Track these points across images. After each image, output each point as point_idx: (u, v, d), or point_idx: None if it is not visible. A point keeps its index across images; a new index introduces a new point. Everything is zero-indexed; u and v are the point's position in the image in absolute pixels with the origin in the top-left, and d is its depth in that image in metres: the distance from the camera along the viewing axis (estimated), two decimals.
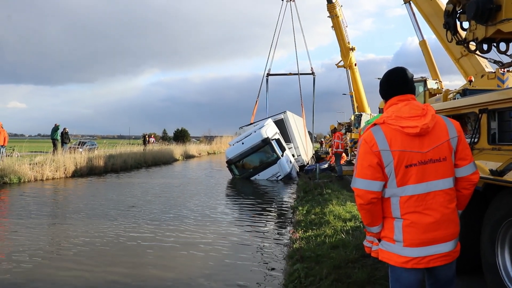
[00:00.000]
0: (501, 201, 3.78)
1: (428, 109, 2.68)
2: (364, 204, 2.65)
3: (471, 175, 2.73)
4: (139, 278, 6.24)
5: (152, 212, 11.34)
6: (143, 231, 9.00)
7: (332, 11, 29.25)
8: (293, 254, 6.59)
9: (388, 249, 2.69)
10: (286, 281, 5.67)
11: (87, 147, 29.89)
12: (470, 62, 14.07)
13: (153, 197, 14.33)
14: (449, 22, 6.44)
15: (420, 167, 2.59)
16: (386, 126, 2.66)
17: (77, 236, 8.55)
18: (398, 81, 2.81)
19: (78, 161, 21.90)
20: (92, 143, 37.63)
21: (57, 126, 26.63)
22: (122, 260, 7.07)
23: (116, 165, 24.81)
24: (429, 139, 2.62)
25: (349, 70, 31.14)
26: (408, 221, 2.59)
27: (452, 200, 2.66)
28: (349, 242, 6.69)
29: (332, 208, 9.83)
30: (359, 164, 2.70)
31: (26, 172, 18.34)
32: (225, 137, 60.67)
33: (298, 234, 7.66)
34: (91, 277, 6.22)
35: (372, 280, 4.93)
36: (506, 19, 5.15)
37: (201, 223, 9.99)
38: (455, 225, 2.66)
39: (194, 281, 6.11)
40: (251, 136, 20.47)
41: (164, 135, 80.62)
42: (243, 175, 20.40)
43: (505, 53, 5.84)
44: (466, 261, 4.32)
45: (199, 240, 8.32)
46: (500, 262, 3.80)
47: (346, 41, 30.16)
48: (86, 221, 10.04)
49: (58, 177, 19.92)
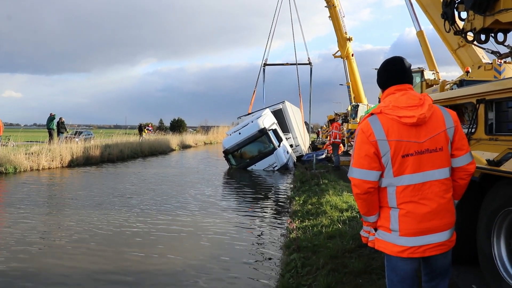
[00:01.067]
0: (498, 192, 3.79)
1: (425, 99, 2.67)
2: (361, 194, 2.65)
3: (467, 165, 2.73)
4: (132, 267, 6.25)
5: (148, 202, 11.34)
6: (139, 221, 9.00)
7: (329, 1, 29.14)
8: (290, 244, 6.61)
9: (384, 238, 2.70)
10: (283, 270, 5.69)
11: (83, 137, 29.78)
12: (467, 53, 14.05)
13: (149, 187, 14.33)
14: (447, 12, 6.43)
15: (416, 157, 2.59)
16: (383, 116, 2.65)
17: (73, 226, 8.55)
18: (395, 70, 2.80)
19: (74, 151, 21.82)
20: (88, 133, 37.48)
21: (53, 115, 26.52)
22: (119, 250, 7.08)
23: (112, 155, 24.74)
24: (426, 129, 2.62)
25: (346, 60, 31.06)
26: (404, 210, 2.60)
27: (448, 190, 2.67)
28: (345, 232, 6.70)
29: (328, 198, 9.85)
30: (356, 153, 2.70)
31: (22, 162, 18.28)
32: (221, 127, 60.57)
33: (294, 224, 7.68)
34: (86, 267, 6.24)
35: (368, 270, 4.95)
36: (504, 9, 5.14)
37: (197, 213, 10.00)
38: (451, 214, 2.67)
39: (190, 270, 6.12)
40: (248, 126, 20.43)
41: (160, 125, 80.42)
42: (239, 165, 20.40)
43: (502, 44, 5.84)
44: (462, 251, 4.34)
45: (195, 230, 8.33)
46: (496, 253, 3.81)
47: (343, 31, 30.08)
48: (82, 211, 10.03)
49: (54, 167, 19.86)
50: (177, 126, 70.63)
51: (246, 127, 20.49)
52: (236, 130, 21.29)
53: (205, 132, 64.10)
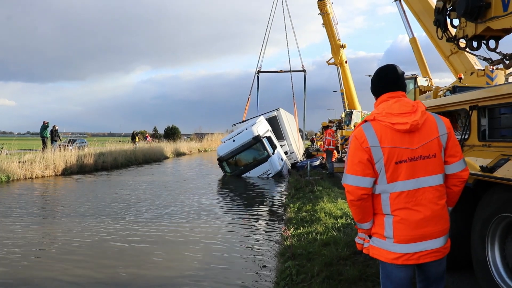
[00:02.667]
0: (491, 198, 3.80)
1: (418, 106, 2.68)
2: (355, 200, 2.65)
3: (461, 172, 2.74)
4: (127, 276, 6.20)
5: (142, 210, 11.28)
6: (132, 229, 8.94)
7: (322, 9, 29.33)
8: (284, 252, 6.58)
9: (378, 245, 2.70)
10: (277, 278, 5.66)
11: (77, 145, 29.66)
12: (459, 59, 14.18)
13: (142, 195, 14.26)
14: (439, 19, 6.48)
15: (410, 164, 2.60)
16: (376, 123, 2.66)
17: (66, 235, 8.48)
18: (388, 78, 2.81)
19: (68, 159, 21.70)
20: (82, 141, 37.34)
21: (46, 123, 26.41)
22: (111, 259, 7.02)
23: (106, 163, 24.64)
24: (419, 136, 2.63)
25: (340, 67, 31.25)
26: (398, 217, 2.60)
27: (442, 196, 2.67)
28: (340, 239, 6.69)
29: (323, 205, 9.83)
30: (349, 160, 2.70)
31: (15, 170, 18.15)
32: (216, 135, 60.50)
33: (289, 231, 7.66)
34: (77, 276, 6.18)
35: (363, 277, 4.94)
36: (495, 17, 5.18)
37: (192, 221, 9.95)
38: (445, 221, 2.67)
39: (183, 279, 6.08)
40: (242, 134, 20.43)
41: (154, 132, 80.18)
42: (234, 173, 20.36)
43: (494, 50, 5.88)
44: (457, 258, 4.34)
45: (190, 238, 8.29)
46: (490, 259, 3.82)
47: (337, 38, 30.27)
48: (76, 219, 9.95)
49: (47, 175, 19.74)
50: (171, 134, 70.41)
51: (240, 135, 20.49)
52: (230, 137, 21.28)
53: (199, 140, 63.94)
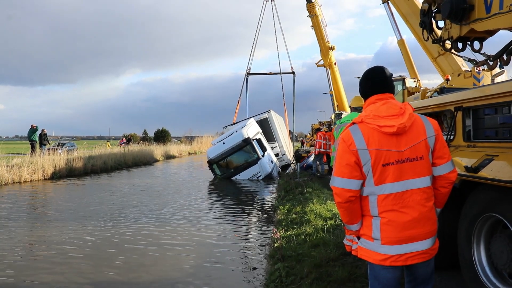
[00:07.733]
0: (477, 197, 3.85)
1: (406, 108, 2.70)
2: (342, 203, 2.67)
3: (449, 173, 2.76)
4: (113, 280, 6.16)
5: (132, 213, 11.22)
6: (122, 233, 8.89)
7: (311, 11, 29.41)
8: (274, 253, 6.59)
9: (366, 246, 2.72)
10: (267, 280, 5.67)
11: (66, 148, 29.41)
12: (447, 61, 14.32)
13: (133, 198, 14.18)
14: (425, 21, 6.54)
15: (397, 166, 2.62)
16: (364, 125, 2.68)
17: (55, 239, 8.41)
18: (376, 80, 2.83)
19: (57, 163, 21.52)
20: (71, 144, 37.03)
21: (35, 127, 26.17)
22: (101, 263, 6.97)
23: (96, 166, 24.50)
24: (406, 138, 2.65)
25: (329, 69, 31.34)
26: (386, 219, 2.62)
27: (429, 198, 2.69)
28: (329, 240, 6.72)
29: (312, 207, 9.86)
30: (337, 162, 2.72)
31: (3, 175, 17.91)
32: (205, 137, 60.33)
33: (279, 233, 7.67)
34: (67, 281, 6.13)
35: (352, 278, 4.96)
36: (478, 19, 5.25)
37: (182, 223, 9.93)
38: (432, 223, 2.69)
39: (174, 281, 6.06)
40: (232, 136, 20.41)
41: (144, 135, 79.78)
42: (224, 175, 20.34)
43: (479, 52, 5.95)
44: (444, 257, 4.38)
45: (180, 241, 8.26)
46: (476, 258, 3.86)
47: (326, 40, 30.35)
48: (65, 224, 9.86)
49: (36, 179, 19.55)
50: (161, 137, 70.10)
51: (230, 137, 20.47)
52: (220, 140, 21.25)
53: (189, 142, 63.77)
